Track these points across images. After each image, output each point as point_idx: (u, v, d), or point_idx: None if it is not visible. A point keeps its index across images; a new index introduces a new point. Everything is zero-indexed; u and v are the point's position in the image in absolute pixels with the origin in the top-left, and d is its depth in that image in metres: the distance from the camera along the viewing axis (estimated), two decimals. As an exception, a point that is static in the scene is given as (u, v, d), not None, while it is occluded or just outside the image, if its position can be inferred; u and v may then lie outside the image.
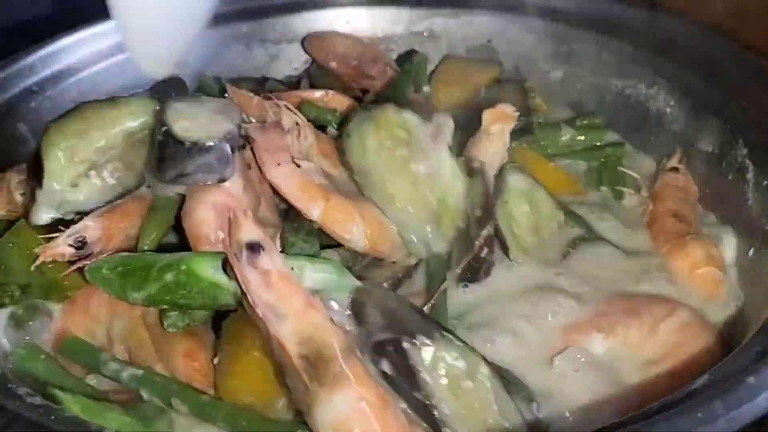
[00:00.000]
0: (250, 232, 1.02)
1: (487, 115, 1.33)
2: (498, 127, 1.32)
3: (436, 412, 0.98)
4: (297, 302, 0.98)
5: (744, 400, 0.80)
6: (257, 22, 1.91)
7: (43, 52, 1.63)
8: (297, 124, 1.34)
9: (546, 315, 1.20)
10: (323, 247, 1.26)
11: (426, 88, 1.83)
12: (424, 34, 1.96)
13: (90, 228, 1.20)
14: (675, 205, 1.46)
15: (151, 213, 1.26)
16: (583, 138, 1.64)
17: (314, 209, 1.23)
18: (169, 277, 1.07)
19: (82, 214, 1.24)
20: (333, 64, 1.83)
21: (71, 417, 0.87)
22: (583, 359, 1.13)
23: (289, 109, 1.35)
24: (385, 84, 1.76)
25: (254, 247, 1.00)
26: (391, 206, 1.26)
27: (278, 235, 1.27)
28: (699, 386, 0.85)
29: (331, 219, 1.23)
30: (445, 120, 1.26)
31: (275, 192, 1.28)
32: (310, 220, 1.24)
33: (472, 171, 1.30)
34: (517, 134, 1.54)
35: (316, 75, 1.88)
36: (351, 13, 1.97)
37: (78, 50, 1.68)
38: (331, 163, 1.33)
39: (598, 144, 1.65)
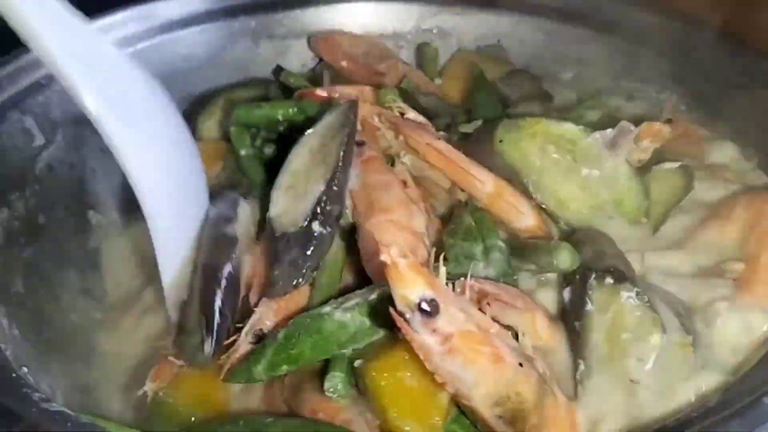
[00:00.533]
0: (420, 285, 0.85)
1: (644, 127, 1.30)
2: (648, 142, 1.30)
3: (585, 342, 1.01)
4: (485, 362, 0.87)
5: (761, 419, 0.81)
6: (265, 17, 1.89)
7: (51, 44, 1.60)
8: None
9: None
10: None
11: (438, 81, 1.84)
12: (434, 31, 1.95)
13: (264, 317, 1.15)
14: (682, 151, 1.46)
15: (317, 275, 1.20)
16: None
17: (487, 178, 1.23)
18: (279, 335, 1.05)
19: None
20: (343, 63, 1.82)
21: (88, 423, 0.87)
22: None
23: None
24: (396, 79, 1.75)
25: (429, 306, 0.84)
26: (563, 209, 1.27)
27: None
28: (715, 405, 0.85)
29: (504, 193, 1.24)
30: (628, 127, 1.25)
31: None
32: (464, 208, 1.24)
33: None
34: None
35: (321, 74, 1.87)
36: (359, 9, 1.95)
37: (85, 43, 1.65)
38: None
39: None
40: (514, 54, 1.89)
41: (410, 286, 0.84)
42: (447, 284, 0.94)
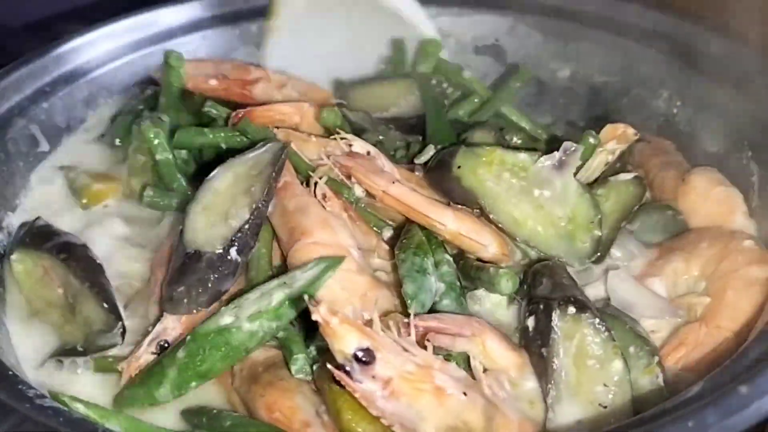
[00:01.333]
0: (354, 337, 0.89)
1: (607, 130, 1.35)
2: (613, 145, 1.35)
3: (552, 369, 1.05)
4: (429, 398, 0.92)
5: (736, 408, 0.82)
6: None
7: (55, 52, 1.64)
8: (368, 152, 1.36)
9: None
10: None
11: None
12: (433, 32, 1.97)
13: (170, 329, 1.16)
14: (657, 158, 1.51)
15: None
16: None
17: (447, 218, 1.25)
18: (180, 354, 1.07)
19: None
20: (212, 83, 1.68)
21: (79, 419, 0.90)
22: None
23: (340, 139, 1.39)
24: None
25: (365, 355, 0.89)
26: (521, 228, 1.28)
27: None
28: (693, 394, 0.86)
29: (466, 226, 1.26)
30: (570, 147, 1.28)
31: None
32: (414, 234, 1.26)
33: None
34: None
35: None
36: (360, 12, 1.98)
37: (89, 50, 1.70)
38: (415, 186, 1.35)
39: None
40: (512, 53, 1.90)
41: (344, 340, 0.89)
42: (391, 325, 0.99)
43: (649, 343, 1.14)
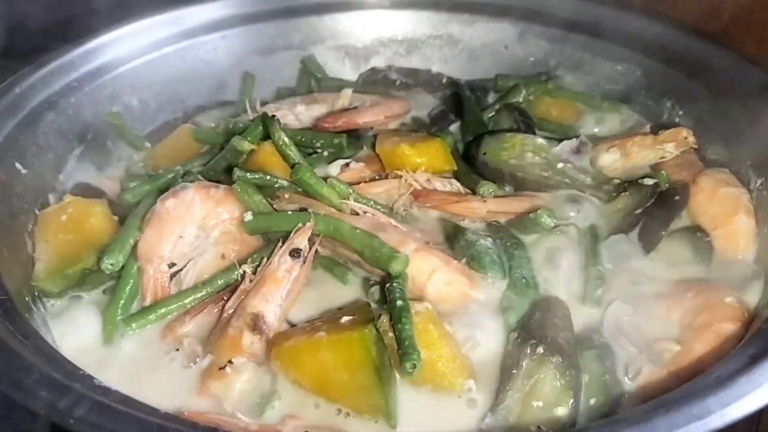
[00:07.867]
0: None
1: (669, 132, 1.48)
2: (671, 147, 1.48)
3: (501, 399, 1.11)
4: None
5: (736, 398, 0.89)
6: (283, 24, 1.98)
7: (82, 48, 1.69)
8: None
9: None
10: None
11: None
12: (443, 38, 2.04)
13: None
14: (672, 160, 1.53)
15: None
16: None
17: (481, 209, 1.45)
18: None
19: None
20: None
21: (126, 397, 0.96)
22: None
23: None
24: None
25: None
26: (549, 180, 1.50)
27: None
28: (696, 386, 0.94)
29: (499, 207, 1.47)
30: (587, 140, 1.52)
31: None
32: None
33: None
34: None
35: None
36: (374, 16, 2.04)
37: (115, 47, 1.75)
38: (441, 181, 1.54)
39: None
40: (520, 60, 1.97)
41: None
42: None
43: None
